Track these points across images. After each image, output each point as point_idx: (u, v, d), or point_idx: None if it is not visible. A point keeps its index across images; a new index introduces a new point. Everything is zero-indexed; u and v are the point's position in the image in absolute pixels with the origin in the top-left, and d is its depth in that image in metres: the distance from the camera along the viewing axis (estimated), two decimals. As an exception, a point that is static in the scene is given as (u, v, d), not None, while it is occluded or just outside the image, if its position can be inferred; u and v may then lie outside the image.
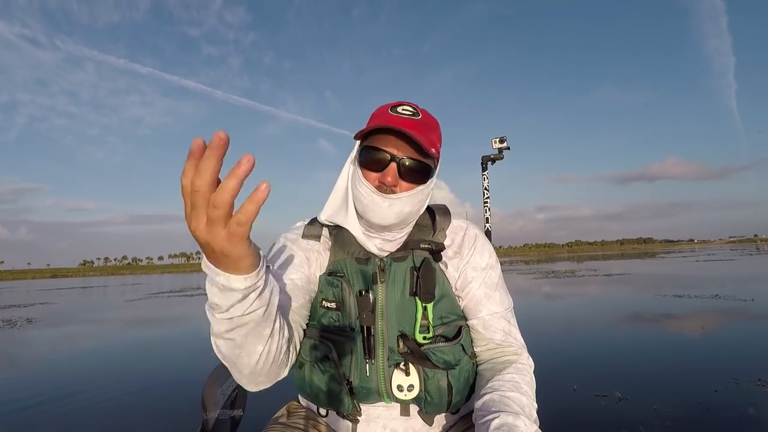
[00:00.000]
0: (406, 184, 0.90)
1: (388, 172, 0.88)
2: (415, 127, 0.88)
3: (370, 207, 0.89)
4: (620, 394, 3.02)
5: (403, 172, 0.88)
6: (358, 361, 0.89)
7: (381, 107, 0.95)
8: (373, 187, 0.89)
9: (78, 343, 6.86)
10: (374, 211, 0.89)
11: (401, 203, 0.89)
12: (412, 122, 0.89)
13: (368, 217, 0.90)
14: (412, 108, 0.92)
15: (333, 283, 0.91)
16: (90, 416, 3.18)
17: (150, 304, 13.16)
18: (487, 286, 0.96)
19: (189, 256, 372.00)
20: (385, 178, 0.87)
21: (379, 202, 0.88)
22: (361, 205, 0.91)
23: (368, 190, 0.89)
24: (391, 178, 0.87)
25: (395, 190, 0.89)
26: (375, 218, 0.90)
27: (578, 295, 10.27)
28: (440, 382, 0.89)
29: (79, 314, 11.87)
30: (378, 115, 0.93)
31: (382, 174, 0.88)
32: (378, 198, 0.88)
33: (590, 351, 4.55)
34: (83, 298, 18.90)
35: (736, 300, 7.57)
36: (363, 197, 0.90)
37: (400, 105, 0.92)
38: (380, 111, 0.94)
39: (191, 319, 9.37)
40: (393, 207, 0.89)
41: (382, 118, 0.91)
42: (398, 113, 0.90)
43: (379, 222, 0.90)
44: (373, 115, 0.95)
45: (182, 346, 6.04)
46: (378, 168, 0.89)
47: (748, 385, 3.11)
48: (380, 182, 0.88)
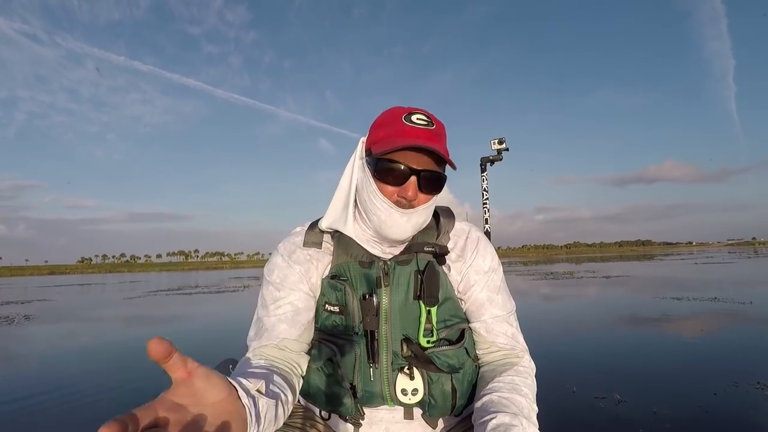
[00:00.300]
0: (424, 197, 0.88)
1: (408, 187, 0.85)
2: (432, 139, 0.85)
3: (388, 223, 0.87)
4: (619, 396, 3.01)
5: (422, 185, 0.86)
6: (361, 365, 0.88)
7: (391, 113, 0.90)
8: (392, 201, 0.86)
9: (76, 341, 6.84)
10: (392, 227, 0.87)
11: (418, 216, 0.88)
12: (428, 133, 0.86)
13: (386, 233, 0.88)
14: (427, 117, 0.88)
15: (336, 286, 0.90)
16: (89, 415, 3.16)
17: (149, 302, 13.14)
18: (490, 290, 0.96)
19: (187, 255, 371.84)
20: (405, 192, 0.85)
21: (397, 218, 0.86)
22: (377, 220, 0.88)
23: (386, 205, 0.86)
24: (412, 192, 0.85)
25: (414, 204, 0.87)
26: (393, 234, 0.88)
27: (577, 297, 10.27)
28: (444, 386, 0.88)
29: (77, 311, 11.84)
30: (390, 123, 0.88)
31: (401, 188, 0.85)
32: (396, 214, 0.86)
33: (589, 353, 4.54)
34: (81, 296, 18.88)
35: (734, 303, 7.58)
36: (380, 212, 0.87)
37: (413, 113, 0.87)
38: (392, 119, 0.88)
39: (191, 317, 9.37)
40: (411, 221, 0.88)
41: (397, 128, 0.86)
42: (414, 123, 0.86)
43: (398, 237, 0.88)
44: (384, 122, 0.89)
45: (183, 345, 5.96)
46: (397, 182, 0.85)
47: (747, 388, 3.11)
48: (399, 196, 0.85)
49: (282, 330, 0.89)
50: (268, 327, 0.90)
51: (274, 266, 0.96)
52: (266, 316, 0.91)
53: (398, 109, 0.90)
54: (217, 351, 5.15)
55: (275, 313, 0.91)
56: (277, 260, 0.97)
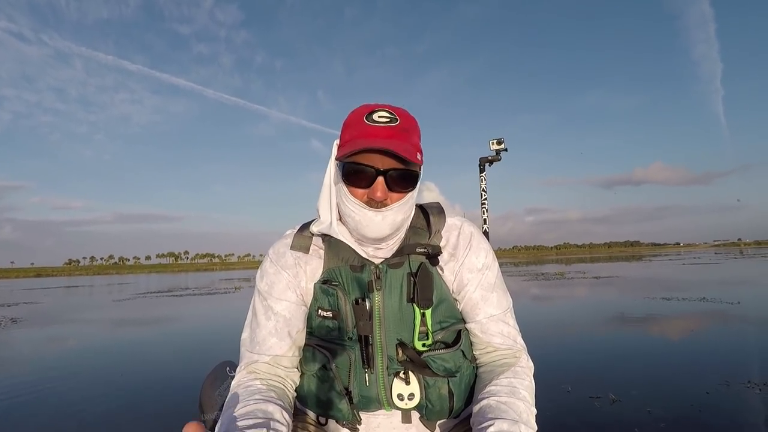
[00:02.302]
0: (396, 195, 0.86)
1: (377, 187, 0.83)
2: (395, 136, 0.83)
3: (363, 223, 0.86)
4: (614, 396, 3.04)
5: (391, 184, 0.84)
6: (356, 371, 0.88)
7: (354, 113, 0.88)
8: (362, 202, 0.85)
9: (66, 344, 6.74)
10: (368, 226, 0.86)
11: (394, 214, 0.86)
12: (390, 131, 0.83)
13: (363, 232, 0.87)
14: (389, 113, 0.85)
15: (328, 291, 0.89)
16: (80, 419, 3.12)
17: (138, 305, 12.99)
18: (484, 288, 0.93)
19: (177, 256, 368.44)
20: (374, 193, 0.83)
21: (371, 217, 0.85)
22: (353, 222, 0.87)
23: (357, 206, 0.85)
24: (381, 192, 0.83)
25: (386, 202, 0.85)
26: (370, 233, 0.86)
27: (569, 298, 10.36)
28: (441, 390, 0.88)
29: (65, 314, 11.68)
30: (353, 124, 0.86)
31: (370, 190, 0.84)
32: (370, 213, 0.85)
33: (584, 353, 4.58)
34: (69, 298, 18.61)
35: (723, 303, 7.70)
36: (354, 213, 0.86)
37: (375, 111, 0.85)
38: (354, 119, 0.87)
39: (183, 319, 9.28)
40: (386, 219, 0.86)
41: (359, 129, 0.85)
42: (375, 122, 0.84)
43: (375, 236, 0.87)
44: (349, 123, 0.88)
45: (176, 348, 5.96)
46: (364, 184, 0.84)
47: (738, 387, 3.16)
48: (369, 198, 0.84)
49: (273, 344, 0.88)
50: (259, 340, 0.89)
51: (263, 273, 0.95)
52: (257, 327, 0.91)
53: (362, 108, 0.88)
54: (213, 353, 5.13)
55: (265, 325, 0.90)
56: (266, 266, 0.96)
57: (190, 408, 3.04)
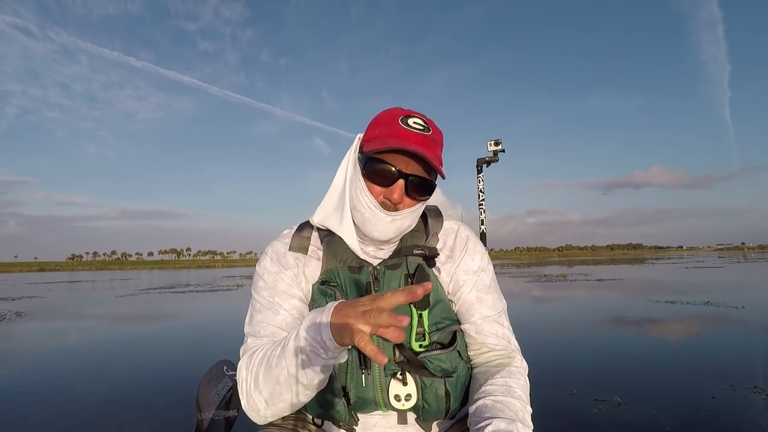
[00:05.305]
0: (411, 201, 0.87)
1: (395, 189, 0.85)
2: (426, 144, 0.85)
3: (371, 221, 0.87)
4: (619, 399, 3.00)
5: (410, 189, 0.86)
6: (353, 371, 0.88)
7: (388, 113, 0.89)
8: (377, 202, 0.86)
9: (68, 339, 6.74)
10: (374, 226, 0.87)
11: (402, 219, 0.88)
12: (423, 138, 0.85)
13: (367, 230, 0.88)
14: (424, 122, 0.87)
15: (326, 292, 0.89)
16: (80, 415, 3.10)
17: (140, 300, 13.03)
18: (479, 290, 0.95)
19: (179, 253, 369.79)
20: (391, 194, 0.85)
21: (381, 218, 0.86)
22: (360, 216, 0.88)
23: (371, 204, 0.86)
24: (398, 195, 0.85)
25: (399, 207, 0.86)
26: (375, 233, 0.88)
27: (572, 300, 10.31)
28: (438, 391, 0.88)
29: (69, 309, 11.70)
30: (386, 123, 0.87)
31: (388, 190, 0.85)
32: (381, 214, 0.86)
33: (588, 355, 4.53)
34: (72, 293, 18.68)
35: (727, 307, 7.64)
36: (364, 210, 0.87)
37: (410, 116, 0.87)
38: (389, 119, 0.88)
39: (184, 316, 9.28)
40: (395, 223, 0.87)
41: (392, 129, 0.85)
42: (410, 127, 0.85)
43: (379, 237, 0.88)
44: (381, 121, 0.89)
45: (175, 345, 5.94)
46: (384, 183, 0.85)
47: (744, 392, 3.12)
48: (385, 198, 0.86)
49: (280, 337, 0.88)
50: (267, 333, 0.89)
51: (263, 270, 0.94)
52: (263, 321, 0.90)
53: (397, 110, 0.89)
54: (211, 350, 5.11)
55: (273, 320, 0.89)
56: (267, 264, 0.95)
57: (186, 407, 3.02)
